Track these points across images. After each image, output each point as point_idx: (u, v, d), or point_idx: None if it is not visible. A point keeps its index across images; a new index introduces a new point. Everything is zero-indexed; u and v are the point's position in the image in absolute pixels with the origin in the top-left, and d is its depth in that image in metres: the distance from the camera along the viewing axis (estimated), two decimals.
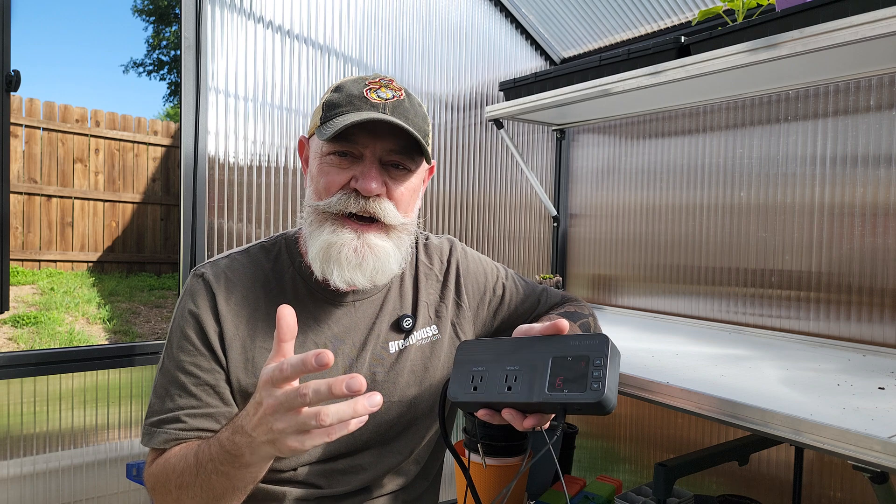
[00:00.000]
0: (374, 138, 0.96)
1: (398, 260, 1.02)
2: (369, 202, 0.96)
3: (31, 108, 4.98)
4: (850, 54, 1.30)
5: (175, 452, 0.91)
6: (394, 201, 0.99)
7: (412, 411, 1.08)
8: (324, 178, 0.98)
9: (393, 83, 1.00)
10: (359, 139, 0.96)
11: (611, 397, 0.75)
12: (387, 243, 0.99)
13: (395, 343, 1.08)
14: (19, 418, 1.50)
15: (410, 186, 1.02)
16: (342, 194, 0.97)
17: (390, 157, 0.98)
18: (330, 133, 0.93)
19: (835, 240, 1.58)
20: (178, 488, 0.88)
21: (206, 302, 1.00)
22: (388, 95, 0.98)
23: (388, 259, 0.99)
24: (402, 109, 0.97)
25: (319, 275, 0.99)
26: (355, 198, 0.96)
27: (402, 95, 0.99)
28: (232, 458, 0.80)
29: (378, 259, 0.98)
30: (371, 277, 0.99)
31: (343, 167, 0.97)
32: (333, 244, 0.96)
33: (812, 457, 1.60)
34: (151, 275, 5.61)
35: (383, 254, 0.98)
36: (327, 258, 0.96)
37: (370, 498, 1.07)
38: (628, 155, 2.11)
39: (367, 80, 1.00)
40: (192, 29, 1.62)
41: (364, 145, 0.96)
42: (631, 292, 2.11)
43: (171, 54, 9.87)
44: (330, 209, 0.97)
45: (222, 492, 0.85)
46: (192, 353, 0.97)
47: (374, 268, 0.98)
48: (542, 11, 2.18)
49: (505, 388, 0.82)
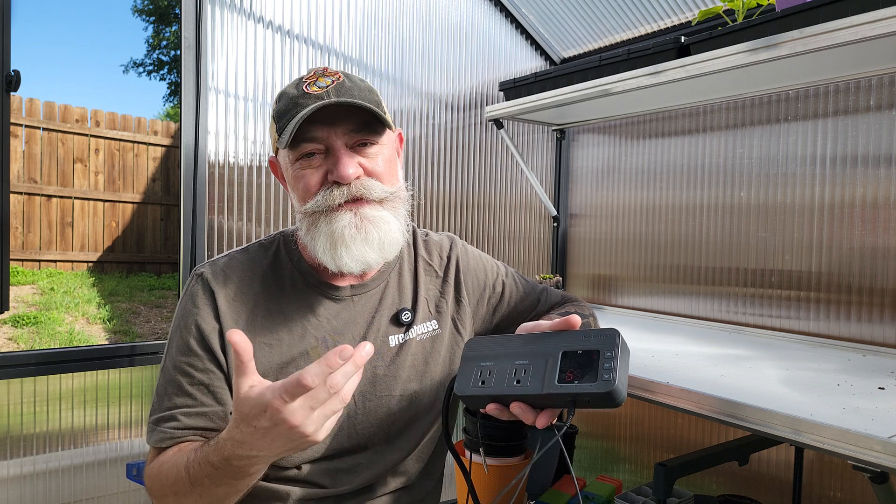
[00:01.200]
0: (330, 127, 0.97)
1: (399, 228, 1.02)
2: (352, 187, 0.97)
3: (31, 108, 4.98)
4: (850, 54, 1.30)
5: (168, 458, 0.93)
6: (374, 177, 1.00)
7: (413, 406, 1.08)
8: (301, 182, 0.99)
9: (328, 70, 1.01)
10: (317, 134, 0.97)
11: (622, 388, 0.75)
12: (383, 212, 1.00)
13: (394, 337, 1.08)
14: (19, 418, 1.50)
15: (384, 157, 1.02)
16: (324, 191, 0.98)
17: (353, 138, 0.99)
18: (286, 137, 0.94)
19: (835, 240, 1.58)
20: (174, 494, 0.90)
21: (205, 302, 1.00)
22: (326, 83, 0.98)
23: (390, 227, 1.00)
24: (344, 90, 0.98)
25: (334, 267, 0.99)
26: (338, 188, 0.97)
27: (341, 77, 1.00)
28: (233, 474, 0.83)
29: (380, 228, 0.98)
30: (380, 249, 0.99)
31: (315, 166, 0.99)
32: (334, 230, 0.97)
33: (812, 457, 1.60)
34: (151, 275, 5.61)
35: (383, 223, 0.99)
36: (333, 245, 0.97)
37: (373, 497, 1.07)
38: (628, 155, 2.11)
39: (304, 77, 1.01)
40: (192, 29, 1.62)
41: (324, 138, 0.97)
42: (631, 292, 2.11)
43: (171, 54, 9.87)
44: (318, 208, 0.98)
45: (224, 496, 0.87)
46: (188, 353, 0.99)
47: (379, 238, 0.98)
48: (542, 11, 2.18)
49: (514, 381, 0.82)
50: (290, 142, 0.96)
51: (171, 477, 0.90)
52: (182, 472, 0.88)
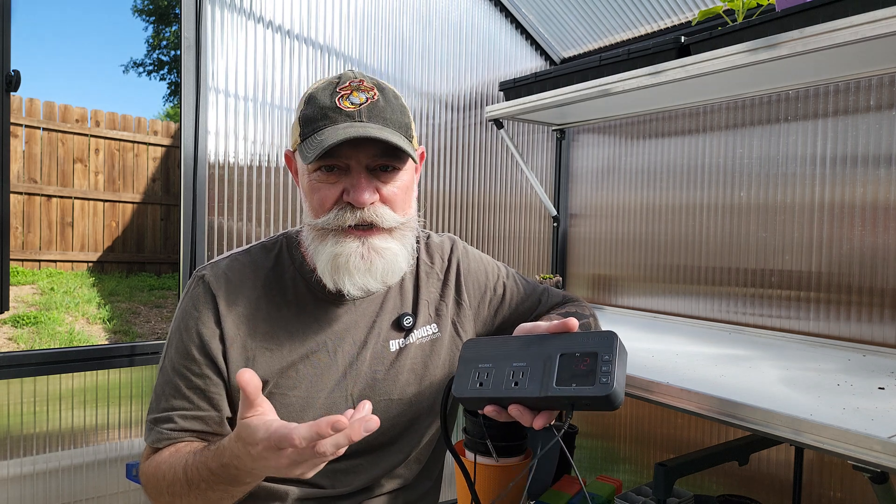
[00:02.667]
0: (356, 149, 0.96)
1: (406, 257, 1.02)
2: (365, 212, 0.96)
3: (31, 108, 4.98)
4: (850, 54, 1.30)
5: (165, 459, 0.94)
6: (388, 204, 0.99)
7: (412, 410, 1.08)
8: (316, 194, 0.98)
9: (364, 83, 0.98)
10: (341, 153, 0.95)
11: (619, 392, 0.75)
12: (391, 244, 0.99)
13: (395, 341, 1.08)
14: (19, 418, 1.50)
15: (402, 185, 1.01)
16: (337, 210, 0.97)
17: (376, 162, 0.98)
18: (312, 156, 0.93)
19: (835, 240, 1.58)
20: (170, 495, 0.91)
21: (206, 305, 1.00)
22: (361, 100, 0.97)
23: (396, 259, 1.00)
24: (377, 111, 0.97)
25: (332, 287, 0.99)
26: (351, 211, 0.96)
27: (376, 95, 0.98)
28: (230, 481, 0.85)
29: (386, 261, 0.98)
30: (382, 279, 0.99)
31: (332, 182, 0.97)
32: (339, 254, 0.96)
33: (812, 457, 1.60)
34: (151, 275, 5.61)
35: (390, 255, 0.99)
36: (336, 269, 0.97)
37: (372, 497, 1.07)
38: (628, 155, 2.11)
39: (338, 85, 0.98)
40: (192, 29, 1.62)
41: (348, 157, 0.96)
42: (631, 292, 2.11)
43: (171, 54, 9.87)
44: (328, 226, 0.97)
45: (218, 500, 0.89)
46: (186, 357, 0.99)
47: (383, 270, 0.98)
48: (542, 11, 2.18)
49: (512, 383, 0.82)
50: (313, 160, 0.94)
51: (167, 478, 0.90)
52: (179, 474, 0.88)
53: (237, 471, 0.82)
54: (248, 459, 0.79)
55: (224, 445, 0.84)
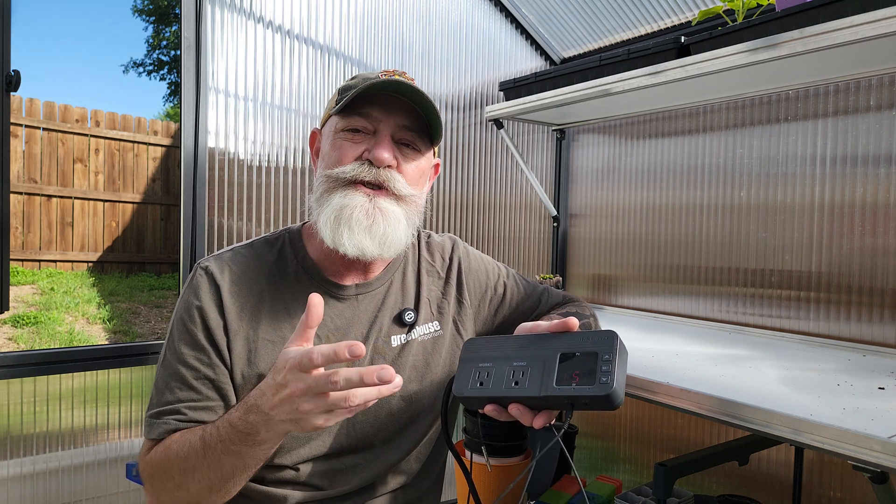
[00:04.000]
0: (387, 113, 1.00)
1: (406, 232, 1.03)
2: (381, 171, 0.99)
3: (31, 108, 4.98)
4: (850, 54, 1.30)
5: (176, 438, 0.92)
6: (403, 175, 1.01)
7: (413, 407, 1.08)
8: (337, 151, 1.01)
9: (406, 74, 1.05)
10: (372, 113, 0.99)
11: (619, 391, 0.76)
12: (397, 209, 1.01)
13: (397, 337, 1.08)
14: (19, 418, 1.50)
15: (419, 166, 1.04)
16: (356, 164, 0.99)
17: (402, 134, 1.01)
18: (347, 98, 0.97)
19: (835, 240, 1.58)
20: (181, 472, 0.88)
21: (209, 295, 1.00)
22: (405, 79, 1.01)
23: (399, 226, 1.00)
24: (416, 90, 1.00)
25: (330, 242, 0.99)
26: (368, 167, 0.99)
27: (416, 84, 1.02)
28: (245, 436, 0.83)
29: (388, 223, 0.99)
30: (380, 243, 0.99)
31: (357, 141, 1.01)
32: (346, 206, 0.97)
33: (812, 457, 1.60)
34: (151, 275, 5.61)
35: (394, 218, 1.00)
36: (338, 221, 0.98)
37: (372, 497, 1.07)
38: (628, 155, 2.11)
39: (383, 69, 1.06)
40: (192, 29, 1.62)
41: (377, 119, 1.00)
42: (631, 292, 2.11)
43: (171, 54, 9.87)
44: (343, 175, 0.99)
45: (231, 471, 0.86)
46: (193, 346, 0.97)
47: (383, 233, 0.99)
48: (542, 11, 2.18)
49: (512, 382, 0.82)
50: (346, 106, 0.98)
51: (181, 454, 0.88)
52: (196, 442, 0.87)
53: (257, 416, 0.81)
54: (271, 392, 0.78)
55: (251, 392, 0.84)
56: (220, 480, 0.87)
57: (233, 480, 0.87)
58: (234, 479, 0.87)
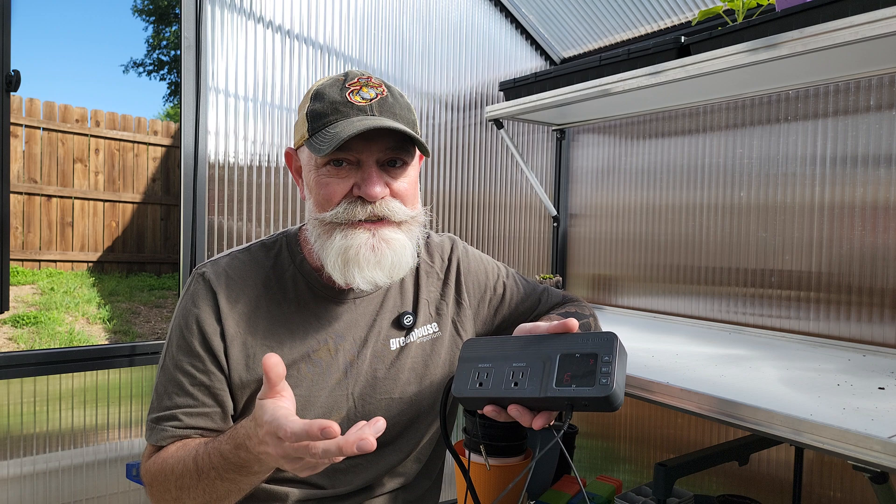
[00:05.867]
0: (368, 143, 0.96)
1: (412, 252, 1.02)
2: (376, 206, 0.97)
3: (31, 108, 4.98)
4: (850, 54, 1.30)
5: (172, 453, 0.93)
6: (398, 198, 1.00)
7: (413, 409, 1.08)
8: (324, 189, 0.98)
9: (372, 80, 0.99)
10: (353, 146, 0.95)
11: (619, 393, 0.76)
12: (400, 235, 1.00)
13: (395, 340, 1.08)
14: (19, 418, 1.50)
15: (410, 180, 1.02)
16: (347, 203, 0.97)
17: (387, 156, 0.98)
18: (328, 149, 0.92)
19: (835, 240, 1.58)
20: (178, 489, 0.90)
21: (206, 302, 1.00)
22: (371, 95, 0.97)
23: (404, 251, 1.00)
24: (388, 106, 0.97)
25: (342, 282, 0.98)
26: (361, 205, 0.96)
27: (385, 91, 0.99)
28: (238, 468, 0.84)
29: (395, 252, 0.98)
30: (390, 272, 0.98)
31: (342, 176, 0.97)
32: (350, 247, 0.96)
33: (812, 457, 1.60)
34: (151, 275, 5.61)
35: (399, 246, 0.99)
36: (346, 262, 0.96)
37: (372, 497, 1.07)
38: (628, 155, 2.11)
39: (346, 82, 0.99)
40: (192, 29, 1.62)
41: (359, 151, 0.96)
42: (631, 292, 2.11)
43: (171, 54, 9.88)
44: (338, 220, 0.97)
45: (226, 493, 0.88)
46: (189, 353, 0.98)
47: (392, 262, 0.98)
48: (542, 11, 2.18)
49: (512, 383, 0.82)
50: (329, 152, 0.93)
51: (176, 471, 0.90)
52: (190, 464, 0.88)
53: (247, 454, 0.81)
54: (256, 441, 0.78)
55: (239, 426, 0.84)
56: (217, 499, 0.89)
57: (228, 499, 0.89)
58: (229, 498, 0.89)
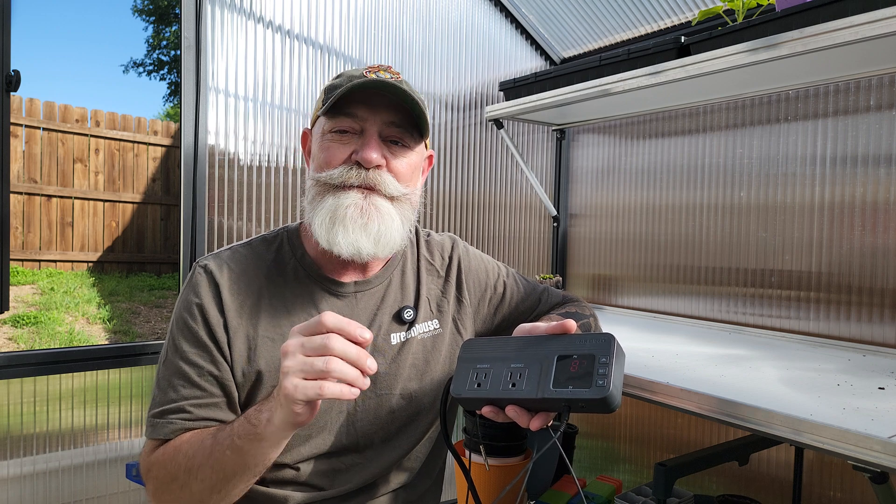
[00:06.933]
0: (373, 111, 0.99)
1: (401, 232, 1.02)
2: (370, 174, 0.99)
3: (31, 108, 4.98)
4: (850, 54, 1.30)
5: (186, 438, 0.92)
6: (393, 174, 1.01)
7: (413, 405, 1.08)
8: (325, 153, 1.01)
9: (392, 69, 1.04)
10: (358, 112, 0.99)
11: (616, 394, 0.76)
12: (391, 208, 1.01)
13: (396, 335, 1.08)
14: (19, 418, 1.50)
15: (410, 163, 1.04)
16: (344, 167, 0.99)
17: (390, 131, 1.01)
18: (331, 100, 0.96)
19: (835, 240, 1.58)
20: (186, 472, 0.88)
21: (209, 293, 1.00)
22: (387, 76, 1.01)
23: (393, 224, 1.00)
24: (403, 84, 1.00)
25: (325, 244, 0.99)
26: (357, 170, 0.99)
27: (401, 78, 1.03)
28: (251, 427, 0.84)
29: (383, 221, 0.99)
30: (375, 241, 0.99)
31: (344, 142, 1.00)
32: (340, 205, 0.98)
33: (812, 457, 1.60)
34: (151, 275, 5.61)
35: (388, 217, 1.00)
36: (333, 220, 0.98)
37: (372, 497, 1.07)
38: (628, 155, 2.11)
39: (368, 66, 1.04)
40: (192, 29, 1.62)
41: (363, 118, 1.00)
42: (631, 292, 2.11)
43: (171, 54, 9.88)
44: (332, 180, 0.99)
45: (233, 471, 0.86)
46: (195, 343, 0.97)
47: (378, 230, 0.99)
48: (542, 11, 2.18)
49: (510, 384, 0.82)
50: (331, 107, 0.98)
51: (189, 452, 0.88)
52: (208, 439, 0.88)
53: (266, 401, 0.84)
54: None
55: None
56: (222, 480, 0.86)
57: (234, 481, 0.87)
58: (235, 480, 0.87)
